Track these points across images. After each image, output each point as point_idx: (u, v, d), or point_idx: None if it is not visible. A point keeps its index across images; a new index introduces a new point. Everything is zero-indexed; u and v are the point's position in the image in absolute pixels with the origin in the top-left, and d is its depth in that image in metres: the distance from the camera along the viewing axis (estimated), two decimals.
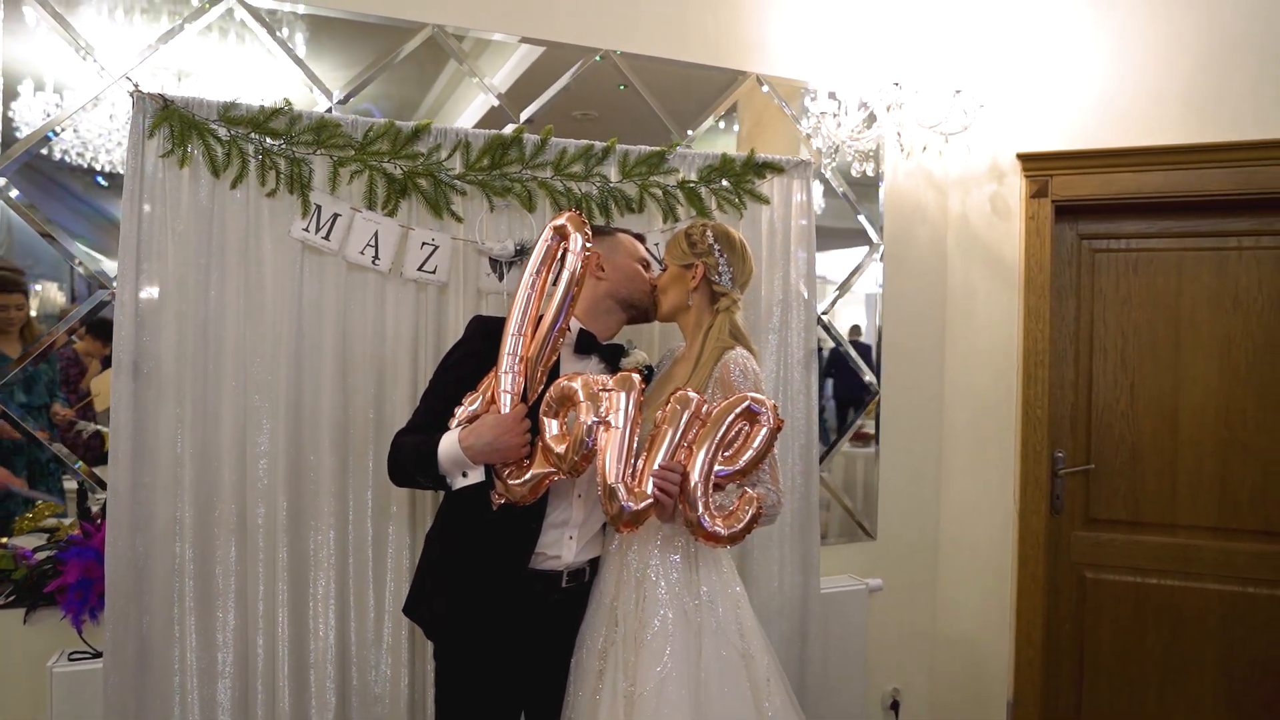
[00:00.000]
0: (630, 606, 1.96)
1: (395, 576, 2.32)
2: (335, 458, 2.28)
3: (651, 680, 1.88)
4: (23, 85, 2.23)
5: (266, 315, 2.22)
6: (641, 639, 1.92)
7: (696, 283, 2.07)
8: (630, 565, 2.00)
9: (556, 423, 1.89)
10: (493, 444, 1.86)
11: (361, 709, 2.30)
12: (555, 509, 2.00)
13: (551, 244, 1.93)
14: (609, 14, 2.79)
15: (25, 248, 2.27)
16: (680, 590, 1.96)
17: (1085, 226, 3.23)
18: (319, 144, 2.25)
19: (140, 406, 2.13)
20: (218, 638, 2.18)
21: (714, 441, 1.86)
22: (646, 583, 1.96)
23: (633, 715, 1.87)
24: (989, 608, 3.26)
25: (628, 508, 1.81)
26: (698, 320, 2.09)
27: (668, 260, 2.14)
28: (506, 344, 1.91)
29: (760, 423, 1.89)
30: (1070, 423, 3.25)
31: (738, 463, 1.89)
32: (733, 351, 2.02)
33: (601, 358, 2.09)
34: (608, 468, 1.82)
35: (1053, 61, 3.10)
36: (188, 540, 2.16)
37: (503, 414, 1.88)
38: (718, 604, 1.97)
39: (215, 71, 2.38)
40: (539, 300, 1.93)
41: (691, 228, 2.12)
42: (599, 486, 1.83)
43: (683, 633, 1.92)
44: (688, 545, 1.99)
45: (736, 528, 1.88)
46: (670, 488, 1.83)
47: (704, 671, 1.91)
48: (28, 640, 2.25)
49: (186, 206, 2.15)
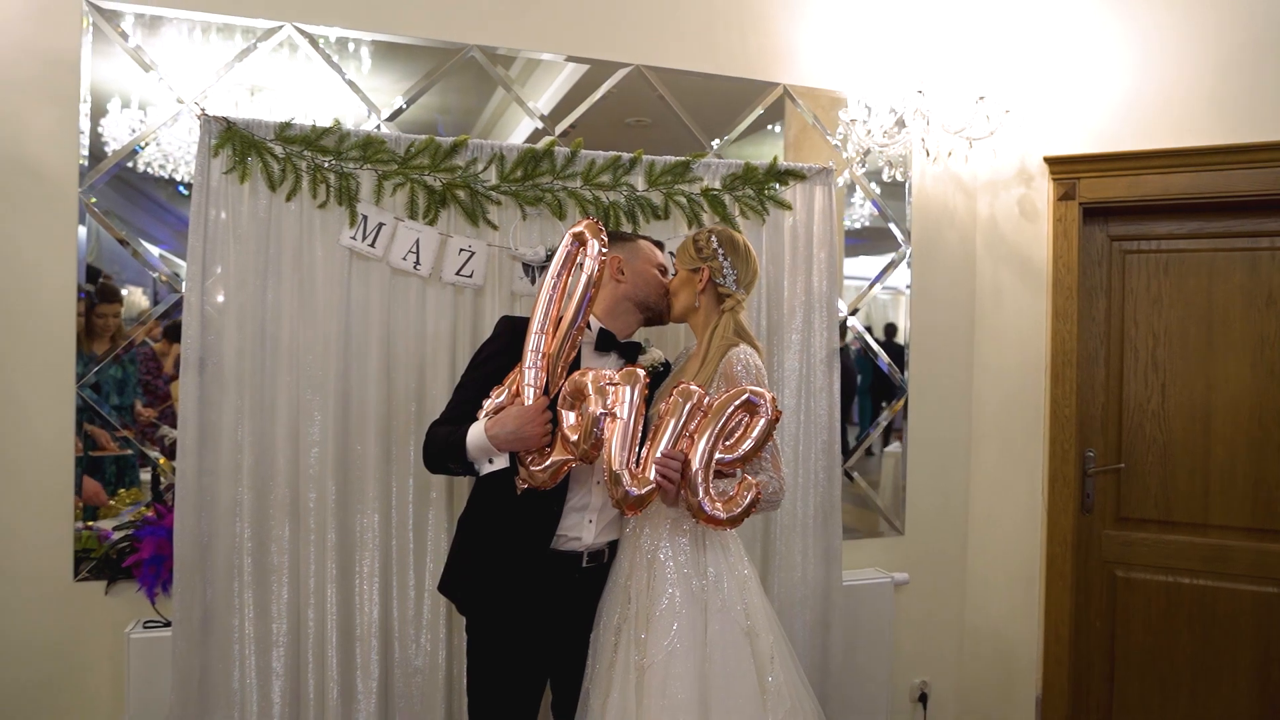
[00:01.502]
0: (642, 585, 2.10)
1: (434, 557, 2.51)
2: (380, 447, 2.48)
3: (660, 653, 2.02)
4: (110, 103, 2.49)
5: (318, 316, 2.43)
6: (651, 615, 2.06)
7: (703, 285, 2.21)
8: (643, 547, 2.14)
9: (573, 414, 2.04)
10: (515, 433, 2.02)
11: (403, 680, 2.49)
12: (575, 494, 2.16)
13: (571, 249, 2.08)
14: (645, 31, 2.95)
15: (112, 254, 2.52)
16: (688, 570, 2.09)
17: (1116, 228, 3.26)
18: (365, 159, 2.45)
19: (205, 399, 2.35)
20: (272, 609, 2.39)
21: (714, 431, 1.99)
22: (656, 563, 2.10)
23: (643, 685, 2.01)
24: (1018, 604, 3.31)
25: (631, 492, 1.96)
26: (706, 320, 2.23)
27: (678, 265, 2.28)
28: (530, 341, 2.08)
29: (759, 414, 2.02)
30: (1101, 422, 3.28)
31: (738, 451, 2.02)
32: (737, 348, 2.14)
33: (620, 355, 2.24)
34: (613, 455, 1.97)
35: (1078, 66, 3.15)
36: (246, 521, 2.38)
37: (525, 406, 2.04)
38: (724, 584, 2.10)
39: (275, 90, 2.60)
40: (560, 301, 2.09)
41: (698, 234, 2.26)
42: (604, 472, 1.98)
43: (689, 610, 2.05)
44: (695, 529, 2.12)
45: (735, 511, 2.01)
46: (671, 474, 1.97)
47: (709, 646, 2.04)
48: (109, 610, 2.50)
49: (246, 217, 2.37)
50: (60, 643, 2.46)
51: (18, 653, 2.43)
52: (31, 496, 2.45)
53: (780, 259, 2.85)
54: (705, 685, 2.01)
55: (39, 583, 2.44)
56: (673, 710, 1.98)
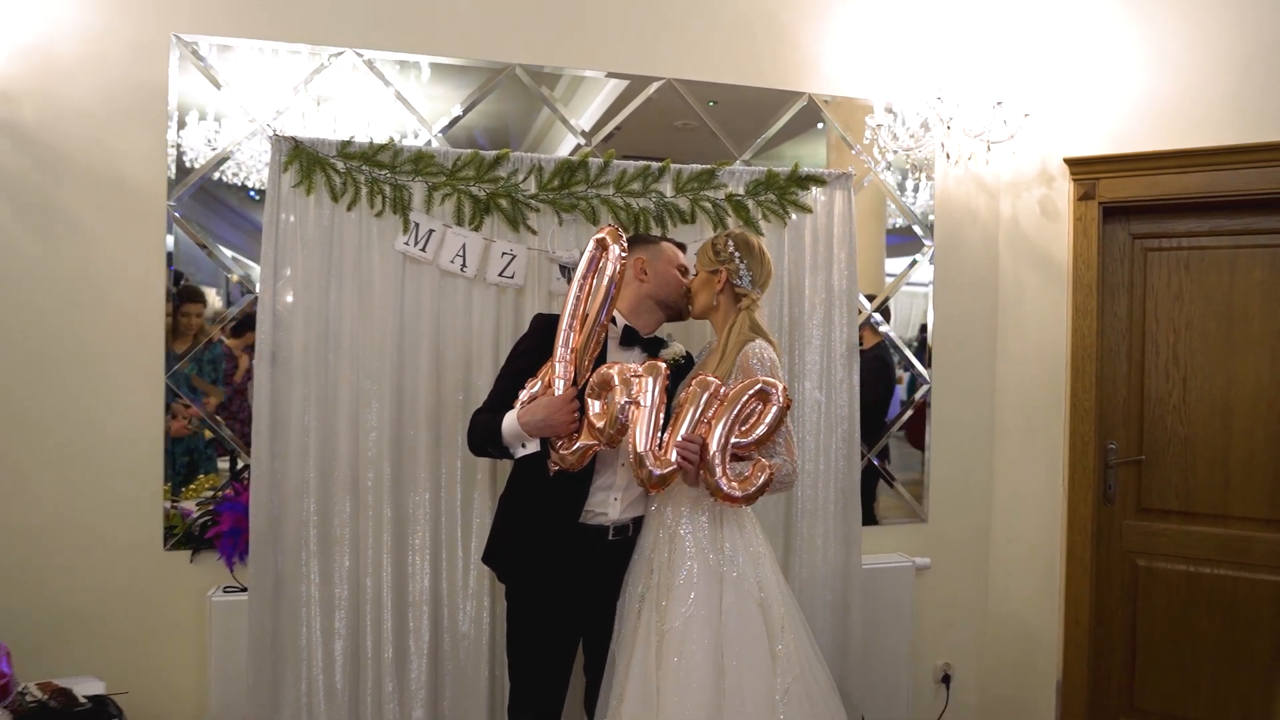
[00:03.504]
0: (664, 558, 2.31)
1: (479, 532, 2.75)
2: (430, 433, 2.74)
3: (678, 619, 2.22)
4: (189, 116, 2.79)
5: (375, 315, 2.69)
6: (672, 585, 2.27)
7: (721, 286, 2.41)
8: (665, 523, 2.35)
9: (599, 403, 2.26)
10: (545, 421, 2.25)
11: (450, 643, 2.74)
12: (602, 475, 2.38)
13: (594, 254, 2.30)
14: (679, 46, 3.16)
15: (190, 257, 2.82)
16: (705, 545, 2.29)
17: (1138, 226, 3.35)
18: (417, 172, 2.71)
19: (276, 389, 2.63)
20: (335, 576, 2.67)
21: (730, 417, 2.20)
22: (677, 538, 2.31)
23: (663, 648, 2.22)
24: (1039, 590, 3.42)
25: (654, 472, 2.17)
26: (724, 317, 2.42)
27: (698, 266, 2.48)
28: (559, 338, 2.30)
29: (771, 401, 2.22)
30: (1123, 415, 3.37)
31: (752, 435, 2.22)
32: (753, 343, 2.34)
33: (643, 349, 2.46)
34: (637, 439, 2.18)
35: (1096, 69, 3.26)
36: (312, 497, 2.65)
37: (554, 396, 2.27)
38: (739, 558, 2.30)
39: (338, 102, 2.87)
40: (585, 301, 2.31)
41: (716, 238, 2.46)
42: (630, 454, 2.20)
43: (706, 581, 2.25)
44: (714, 508, 2.32)
45: (750, 490, 2.20)
46: (691, 455, 2.17)
47: (724, 614, 2.24)
48: (194, 576, 2.81)
49: (312, 225, 2.65)
50: (152, 604, 2.78)
51: (117, 612, 2.75)
52: (128, 475, 2.76)
53: (801, 259, 3.03)
54: (720, 650, 2.21)
55: (135, 551, 2.76)
56: (689, 670, 2.19)
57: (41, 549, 2.69)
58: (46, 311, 2.69)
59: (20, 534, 2.68)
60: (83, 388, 2.72)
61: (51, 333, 2.69)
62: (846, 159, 3.34)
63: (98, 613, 2.73)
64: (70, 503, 2.71)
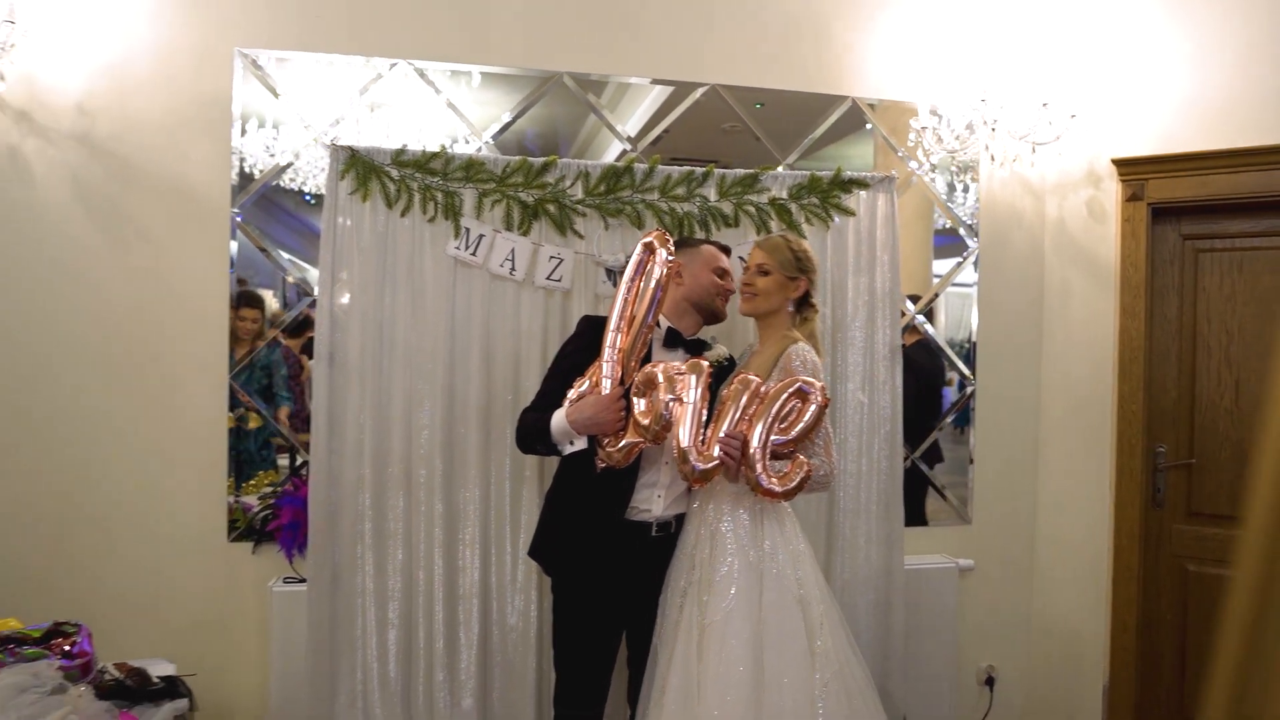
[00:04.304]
0: (705, 554, 2.36)
1: (527, 528, 2.83)
2: (480, 431, 2.82)
3: (719, 614, 2.27)
4: (250, 124, 2.91)
5: (427, 317, 2.79)
6: (713, 581, 2.32)
7: (799, 293, 2.47)
8: (707, 520, 2.40)
9: (644, 401, 2.32)
10: (592, 419, 2.32)
11: (499, 635, 2.83)
12: (646, 472, 2.45)
13: (642, 257, 2.36)
14: (724, 52, 3.21)
15: (249, 261, 2.94)
16: (746, 542, 2.34)
17: (1188, 227, 3.32)
18: (468, 179, 2.80)
19: (334, 388, 2.74)
20: (389, 569, 2.77)
21: (770, 415, 2.25)
22: (719, 535, 2.36)
23: (704, 642, 2.28)
24: (1085, 594, 3.40)
25: (697, 467, 2.23)
26: (783, 322, 2.48)
27: (772, 267, 2.47)
28: (607, 338, 2.37)
29: (810, 400, 2.26)
30: (1172, 418, 3.34)
31: (791, 433, 2.26)
32: (795, 345, 2.39)
33: (687, 351, 2.51)
34: (681, 435, 2.24)
35: (1142, 69, 3.23)
36: (367, 492, 2.76)
37: (601, 395, 2.33)
38: (778, 555, 2.34)
39: (391, 109, 2.98)
40: (633, 303, 2.37)
41: (795, 246, 2.48)
42: (674, 450, 2.26)
43: (746, 577, 2.30)
44: (754, 506, 2.37)
45: (789, 486, 2.25)
46: (733, 451, 2.23)
47: (763, 609, 2.28)
48: (255, 567, 2.94)
49: (368, 231, 2.75)
50: (216, 593, 2.91)
51: (183, 600, 2.89)
52: (194, 470, 2.90)
53: (844, 262, 3.05)
54: (759, 644, 2.26)
55: (200, 541, 2.90)
56: (730, 664, 2.24)
57: (116, 539, 2.85)
58: (118, 313, 2.84)
59: (96, 524, 2.83)
60: (151, 386, 2.86)
61: (123, 334, 2.84)
62: (891, 161, 3.36)
63: (167, 600, 2.87)
64: (141, 495, 2.86)
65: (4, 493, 2.78)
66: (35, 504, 2.80)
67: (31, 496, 2.79)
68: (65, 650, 2.16)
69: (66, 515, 2.81)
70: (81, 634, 2.23)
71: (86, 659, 2.20)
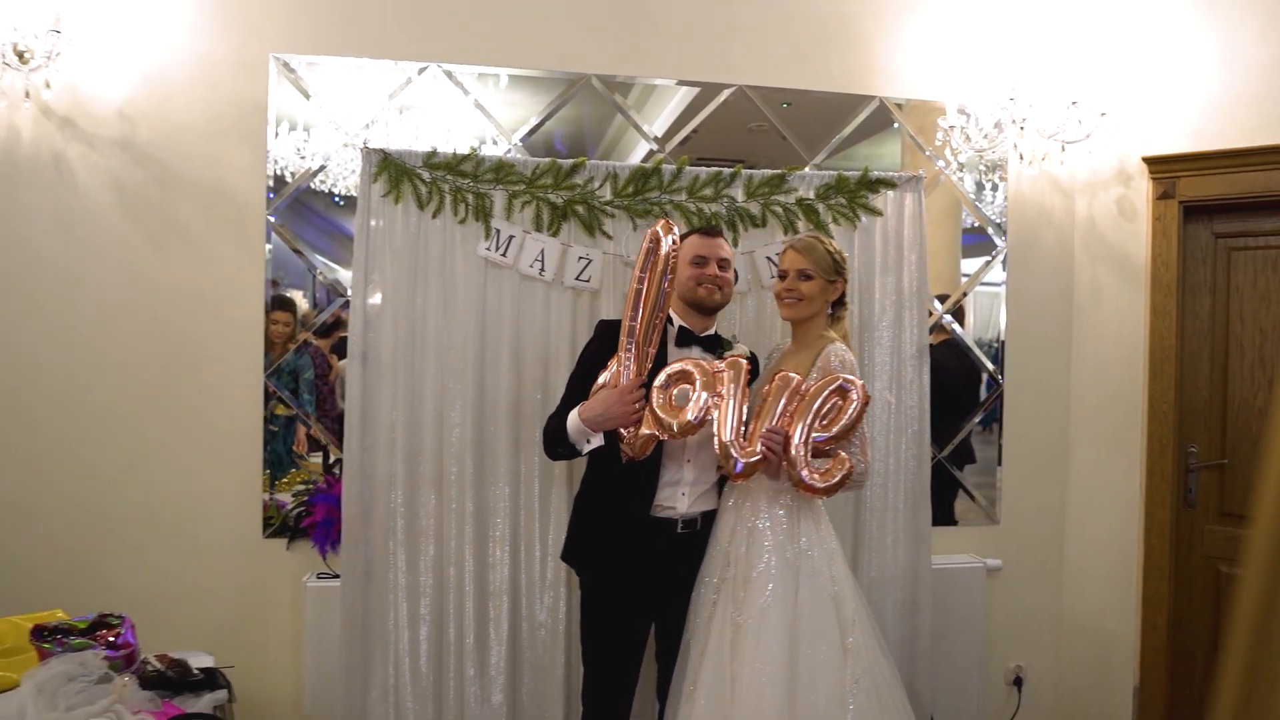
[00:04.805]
0: (741, 551, 2.38)
1: (557, 526, 2.86)
2: (510, 430, 2.86)
3: (755, 610, 2.29)
4: (283, 128, 2.97)
5: (459, 316, 2.83)
6: (749, 577, 2.34)
7: (837, 295, 2.50)
8: (744, 517, 2.41)
9: (667, 394, 2.33)
10: (604, 414, 2.34)
11: (529, 631, 2.87)
12: (669, 470, 2.47)
13: (650, 246, 2.31)
14: (750, 52, 3.23)
15: (280, 262, 3.00)
16: (783, 539, 2.36)
17: (1221, 225, 3.29)
18: (498, 180, 2.84)
19: (367, 387, 2.79)
20: (420, 565, 2.81)
21: (812, 412, 2.27)
22: (756, 531, 2.38)
23: (739, 638, 2.29)
24: (1115, 594, 3.38)
25: (740, 462, 2.26)
26: (821, 323, 2.50)
27: (815, 272, 2.46)
28: (623, 330, 2.34)
29: (850, 397, 2.28)
30: (1204, 418, 3.31)
31: (833, 430, 2.29)
32: (832, 345, 2.42)
33: (704, 348, 2.52)
34: (723, 431, 2.27)
35: (1172, 66, 3.21)
36: (399, 489, 2.80)
37: (613, 390, 2.34)
38: (814, 553, 2.36)
39: (421, 110, 3.03)
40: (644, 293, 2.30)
41: (831, 248, 2.50)
42: (716, 446, 2.28)
43: (782, 574, 2.32)
44: (790, 502, 2.39)
45: (831, 482, 2.27)
46: (775, 446, 2.25)
47: (799, 606, 2.30)
48: (289, 563, 3.00)
49: (400, 232, 2.80)
50: (253, 587, 2.97)
51: (219, 594, 2.95)
52: (230, 468, 2.96)
53: (872, 261, 3.06)
54: (794, 641, 2.28)
55: (237, 537, 2.96)
56: (765, 660, 2.25)
57: (157, 533, 2.91)
58: (159, 314, 2.90)
59: (138, 519, 2.91)
60: (190, 385, 2.93)
61: (163, 334, 2.91)
62: (919, 160, 3.36)
63: (205, 594, 2.94)
64: (179, 491, 2.92)
65: (50, 488, 2.85)
66: (79, 499, 2.87)
67: (76, 492, 2.86)
68: (110, 641, 2.22)
69: (108, 510, 2.89)
70: (125, 625, 2.29)
71: (130, 650, 2.26)
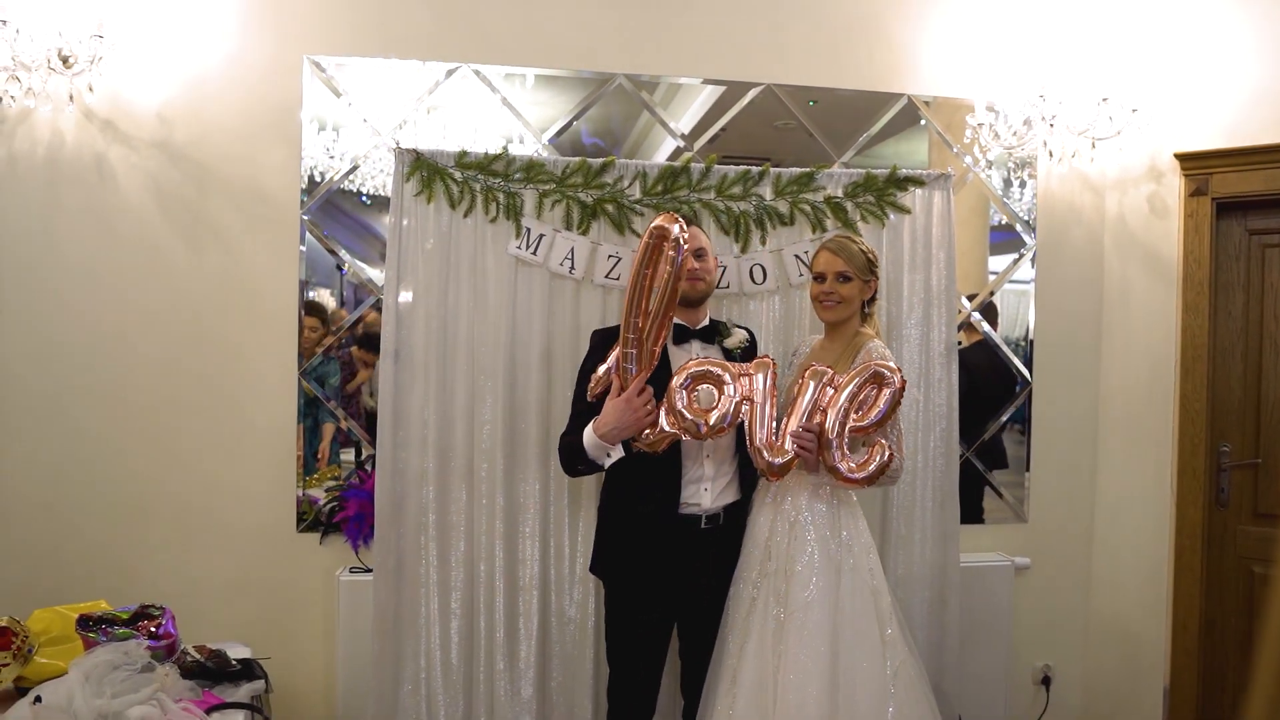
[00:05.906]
0: (782, 546, 2.39)
1: (586, 523, 2.89)
2: (540, 427, 2.89)
3: (799, 604, 2.31)
4: (311, 126, 3.01)
5: (489, 314, 2.86)
6: (791, 571, 2.35)
7: (871, 294, 2.53)
8: (784, 511, 2.42)
9: (686, 394, 2.34)
10: (618, 424, 2.35)
11: (558, 626, 2.89)
12: (690, 469, 2.48)
13: (652, 241, 2.26)
14: (777, 51, 3.24)
15: (310, 261, 3.03)
16: (825, 534, 2.37)
17: (1255, 222, 3.26)
18: (528, 180, 2.87)
19: (399, 384, 2.83)
20: (451, 560, 2.84)
21: (846, 399, 2.28)
22: (798, 526, 2.39)
23: (784, 632, 2.30)
24: (1145, 594, 3.36)
25: (773, 462, 2.28)
26: (856, 321, 2.52)
27: (853, 273, 2.47)
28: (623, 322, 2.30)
29: (886, 384, 2.29)
30: (1238, 417, 3.28)
31: (870, 417, 2.30)
32: (872, 342, 2.45)
33: (703, 340, 2.54)
34: (756, 433, 2.29)
35: (1205, 62, 3.19)
36: (431, 485, 2.84)
37: (619, 399, 2.34)
38: (854, 546, 2.38)
39: (450, 110, 3.06)
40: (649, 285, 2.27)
41: (864, 247, 2.52)
42: (749, 447, 2.31)
43: (825, 568, 2.34)
44: (831, 496, 2.40)
45: (869, 470, 2.29)
46: (807, 444, 2.27)
47: (840, 599, 2.32)
48: (323, 557, 3.04)
49: (432, 231, 2.83)
50: (287, 581, 3.02)
51: (254, 588, 3.00)
52: (266, 463, 3.01)
53: (900, 259, 3.06)
54: (836, 633, 2.30)
55: (271, 531, 3.01)
56: (808, 654, 2.27)
57: (194, 528, 2.97)
58: (196, 312, 2.96)
59: (176, 514, 2.96)
60: (226, 383, 2.98)
61: (200, 332, 2.96)
62: (947, 158, 3.35)
63: (240, 587, 2.99)
64: (216, 487, 2.98)
65: (93, 482, 2.91)
66: (120, 493, 2.93)
67: (116, 486, 2.92)
68: (151, 631, 2.27)
69: (148, 505, 2.94)
70: (166, 616, 2.34)
71: (171, 640, 2.31)
